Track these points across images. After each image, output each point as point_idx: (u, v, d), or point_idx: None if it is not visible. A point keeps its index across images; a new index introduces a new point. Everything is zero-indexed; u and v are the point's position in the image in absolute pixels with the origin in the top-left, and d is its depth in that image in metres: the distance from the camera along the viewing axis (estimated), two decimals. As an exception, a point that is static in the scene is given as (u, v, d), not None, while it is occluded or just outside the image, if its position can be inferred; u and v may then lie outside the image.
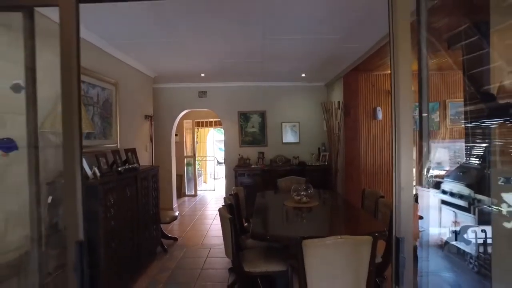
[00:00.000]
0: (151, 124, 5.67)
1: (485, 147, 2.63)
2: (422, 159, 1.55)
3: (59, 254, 2.49)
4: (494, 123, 2.23)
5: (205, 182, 11.87)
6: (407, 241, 1.26)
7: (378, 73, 5.76)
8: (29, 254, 2.31)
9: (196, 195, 9.00)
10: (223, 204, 3.37)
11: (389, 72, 3.92)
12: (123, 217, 3.34)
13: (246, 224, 4.05)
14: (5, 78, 1.61)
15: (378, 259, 2.76)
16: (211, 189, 10.38)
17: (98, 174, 3.01)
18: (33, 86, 1.37)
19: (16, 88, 1.53)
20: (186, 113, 7.41)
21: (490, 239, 2.59)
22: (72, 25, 1.30)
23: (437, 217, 4.20)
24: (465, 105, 2.67)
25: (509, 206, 1.89)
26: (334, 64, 5.28)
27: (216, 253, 4.46)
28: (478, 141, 2.80)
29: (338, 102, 5.95)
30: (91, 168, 2.95)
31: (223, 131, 7.33)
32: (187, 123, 9.04)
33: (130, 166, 3.76)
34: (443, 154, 5.24)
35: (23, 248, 2.28)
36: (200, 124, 9.77)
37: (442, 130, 5.34)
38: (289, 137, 6.90)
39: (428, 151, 1.42)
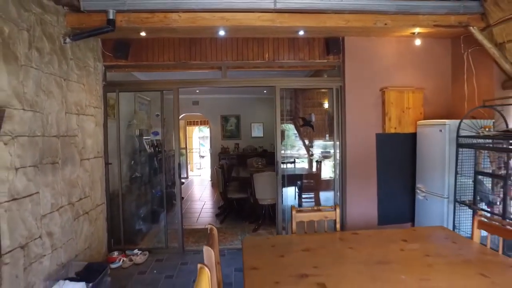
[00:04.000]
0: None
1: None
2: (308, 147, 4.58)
3: (140, 187, 5.28)
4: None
5: (191, 170, 14.63)
6: (279, 161, 4.23)
7: (312, 89, 8.81)
8: (128, 185, 5.09)
9: (188, 178, 11.80)
10: (217, 166, 6.29)
11: (319, 91, 6.99)
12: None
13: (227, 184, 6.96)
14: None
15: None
16: (198, 175, 13.18)
17: (151, 150, 5.82)
18: (162, 114, 4.22)
19: (157, 116, 4.36)
20: (182, 115, 10.19)
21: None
22: (177, 96, 4.17)
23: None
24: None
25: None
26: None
27: (209, 204, 7.34)
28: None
29: (288, 109, 8.97)
30: (149, 147, 5.75)
31: (206, 129, 10.16)
32: (181, 122, 11.79)
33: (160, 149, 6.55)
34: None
35: (128, 182, 5.06)
36: (189, 123, 12.54)
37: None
38: (256, 133, 9.88)
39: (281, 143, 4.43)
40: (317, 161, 6.38)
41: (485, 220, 2.22)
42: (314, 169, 6.83)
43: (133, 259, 3.93)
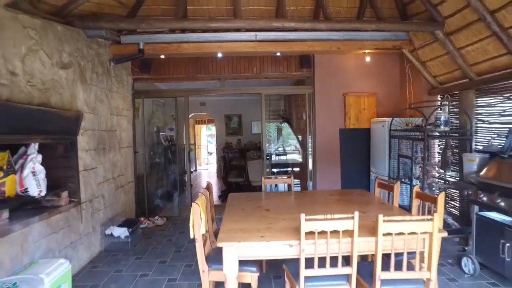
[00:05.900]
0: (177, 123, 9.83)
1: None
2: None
3: (158, 172, 6.68)
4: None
5: (199, 165, 16.06)
6: (264, 149, 5.55)
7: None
8: (149, 170, 6.49)
9: (196, 170, 13.22)
10: (219, 156, 7.66)
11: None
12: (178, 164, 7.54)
13: (228, 172, 8.32)
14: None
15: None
16: (205, 168, 14.60)
17: (167, 143, 7.20)
18: (176, 114, 5.59)
19: (172, 116, 5.74)
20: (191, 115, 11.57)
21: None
22: (187, 101, 5.52)
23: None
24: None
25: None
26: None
27: (214, 189, 8.70)
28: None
29: (283, 109, 10.27)
30: (165, 141, 7.14)
31: (213, 127, 11.52)
32: (190, 121, 13.18)
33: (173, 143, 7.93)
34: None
35: (149, 167, 6.46)
36: (198, 122, 13.95)
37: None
38: (255, 130, 11.20)
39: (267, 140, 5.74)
40: (307, 154, 7.67)
41: (381, 181, 3.51)
42: (303, 160, 8.11)
43: (155, 222, 5.31)
